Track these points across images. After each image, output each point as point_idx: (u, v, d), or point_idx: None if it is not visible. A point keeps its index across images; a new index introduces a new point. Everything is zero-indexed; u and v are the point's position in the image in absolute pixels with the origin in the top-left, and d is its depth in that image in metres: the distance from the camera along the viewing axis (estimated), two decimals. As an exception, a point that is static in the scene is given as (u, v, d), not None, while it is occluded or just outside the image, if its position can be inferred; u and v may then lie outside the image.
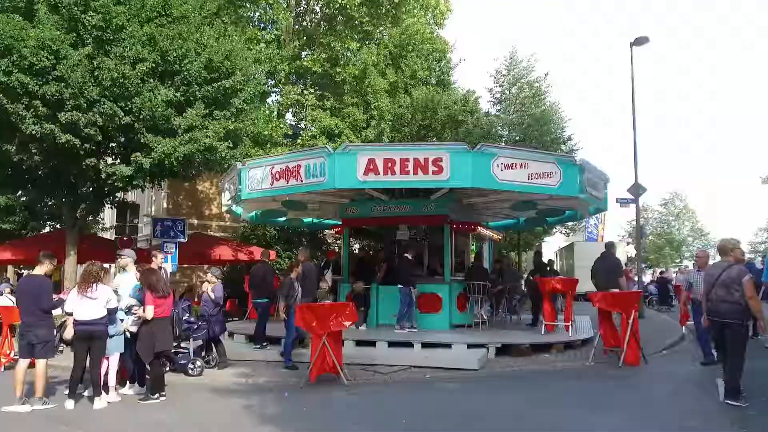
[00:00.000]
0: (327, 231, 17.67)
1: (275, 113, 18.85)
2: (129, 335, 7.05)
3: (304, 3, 22.05)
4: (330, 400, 6.83)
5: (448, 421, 5.75)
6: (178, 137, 11.11)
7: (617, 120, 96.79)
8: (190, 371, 8.26)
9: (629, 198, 17.12)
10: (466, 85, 35.09)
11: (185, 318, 8.42)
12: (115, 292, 6.95)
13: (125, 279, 7.59)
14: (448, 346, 9.46)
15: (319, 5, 21.92)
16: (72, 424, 5.91)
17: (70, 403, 6.47)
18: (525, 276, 15.98)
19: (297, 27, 22.00)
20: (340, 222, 13.26)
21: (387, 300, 11.85)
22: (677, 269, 25.09)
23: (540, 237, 26.22)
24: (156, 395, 6.73)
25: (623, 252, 22.63)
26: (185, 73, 11.21)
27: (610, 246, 11.45)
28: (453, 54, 23.35)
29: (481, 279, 11.65)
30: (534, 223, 16.29)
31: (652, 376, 7.77)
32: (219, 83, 11.74)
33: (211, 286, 9.07)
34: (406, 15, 21.56)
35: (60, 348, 9.65)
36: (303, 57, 21.39)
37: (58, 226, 19.87)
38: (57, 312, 7.61)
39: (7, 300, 9.68)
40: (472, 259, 13.69)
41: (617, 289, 9.83)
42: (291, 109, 21.10)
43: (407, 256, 11.09)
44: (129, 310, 7.04)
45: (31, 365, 6.59)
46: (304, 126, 20.65)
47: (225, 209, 12.98)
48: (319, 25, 22.15)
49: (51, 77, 10.01)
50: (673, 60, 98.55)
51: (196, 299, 12.92)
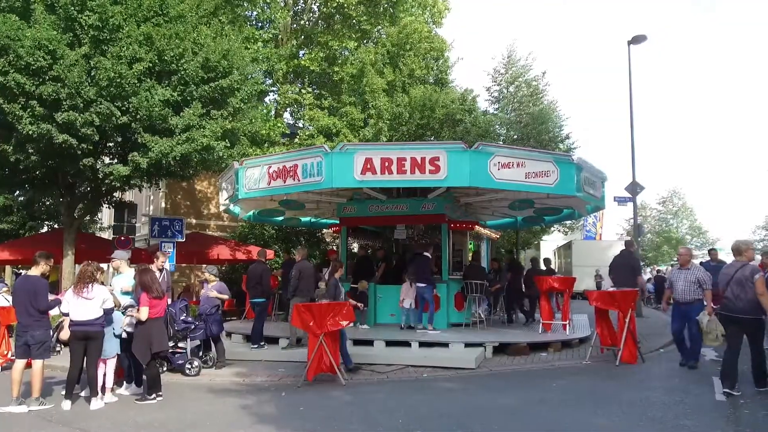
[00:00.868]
0: (325, 230, 17.67)
1: (273, 112, 18.85)
2: (125, 335, 7.04)
3: (301, 2, 22.07)
4: (327, 399, 6.83)
5: (444, 421, 5.76)
6: (175, 137, 11.12)
7: (616, 118, 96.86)
8: (187, 371, 8.26)
9: (627, 197, 17.15)
10: (464, 84, 35.06)
11: (182, 318, 8.43)
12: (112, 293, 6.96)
13: (121, 280, 7.60)
14: (445, 345, 9.47)
15: (317, 4, 21.93)
16: (69, 424, 5.91)
17: (66, 404, 6.48)
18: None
19: (294, 26, 22.01)
20: (337, 221, 13.27)
21: (385, 299, 11.88)
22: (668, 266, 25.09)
23: (538, 236, 26.25)
24: (153, 395, 6.73)
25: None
26: (182, 73, 11.20)
27: (629, 244, 11.44)
28: (451, 52, 23.29)
29: (479, 278, 11.66)
30: (532, 222, 16.31)
31: (648, 374, 7.78)
32: (216, 83, 11.74)
33: (212, 284, 9.08)
34: (403, 14, 21.56)
35: (57, 348, 9.70)
36: (301, 56, 21.38)
37: (55, 225, 19.89)
38: (54, 312, 7.62)
39: (4, 300, 9.66)
40: (470, 258, 13.70)
41: (635, 288, 9.84)
42: (289, 109, 21.11)
43: (427, 254, 11.04)
44: (125, 310, 7.04)
45: (28, 366, 6.59)
46: (301, 125, 20.65)
47: (223, 209, 12.98)
48: (317, 24, 22.16)
49: (48, 77, 10.02)
50: (672, 57, 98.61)
51: (194, 299, 12.93)
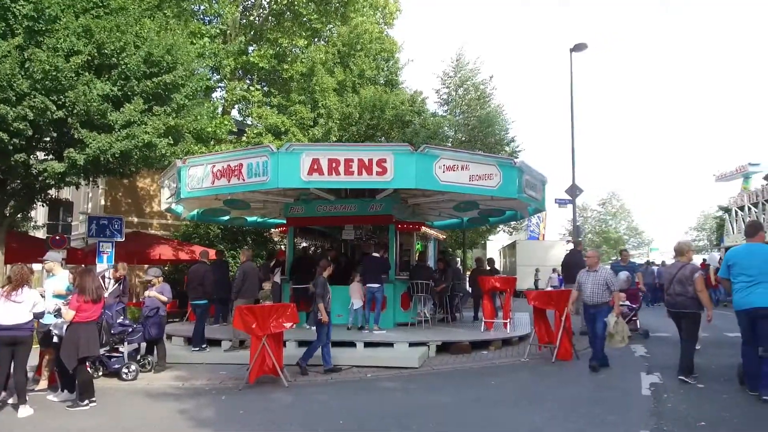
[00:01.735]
0: (273, 230, 17.49)
1: (220, 110, 18.48)
2: (57, 339, 6.79)
3: (251, -3, 21.72)
4: (269, 401, 6.80)
5: (384, 421, 5.85)
6: (114, 133, 10.75)
7: (559, 122, 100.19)
8: (124, 376, 8.03)
9: (567, 199, 17.78)
10: (414, 86, 35.46)
11: (119, 321, 8.19)
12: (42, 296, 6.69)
13: (53, 283, 7.31)
14: (390, 345, 9.58)
15: (267, 0, 21.64)
16: (-7, 433, 5.65)
17: (-8, 412, 6.19)
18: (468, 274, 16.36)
19: (243, 21, 21.64)
20: (285, 221, 13.17)
21: (333, 300, 11.82)
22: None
23: (484, 236, 26.84)
24: (85, 401, 6.50)
25: (563, 250, 23.49)
26: (123, 67, 10.85)
27: (578, 244, 12.05)
28: (401, 54, 23.55)
29: (425, 278, 11.86)
30: (477, 223, 16.68)
31: (581, 371, 8.11)
32: (159, 78, 11.42)
33: (156, 286, 8.84)
34: (354, 14, 21.58)
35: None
36: (249, 52, 21.05)
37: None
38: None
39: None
40: (416, 258, 13.89)
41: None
42: (236, 106, 20.76)
43: (377, 255, 11.13)
44: (57, 313, 6.77)
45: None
46: (250, 123, 20.33)
47: (165, 208, 12.64)
48: (267, 21, 21.87)
49: (-24, 69, 9.48)
50: (613, 64, 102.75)
51: (135, 300, 12.55)
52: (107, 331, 7.86)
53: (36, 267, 12.23)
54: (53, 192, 13.91)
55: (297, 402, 6.76)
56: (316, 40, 21.72)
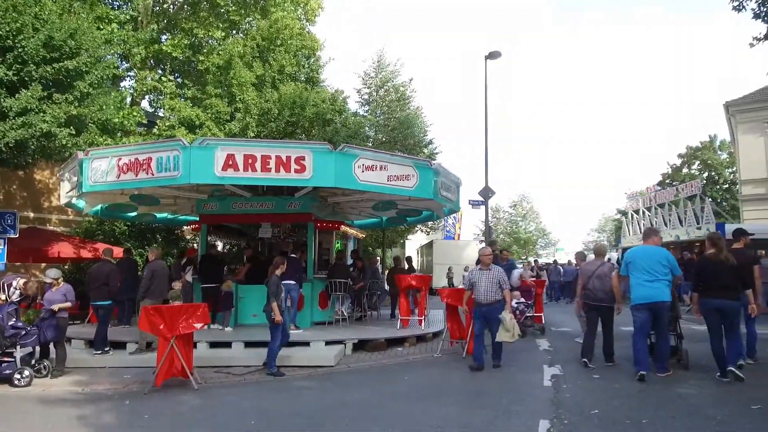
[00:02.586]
0: (185, 227, 16.81)
1: (128, 100, 17.50)
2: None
3: (165, -16, 20.75)
4: (176, 405, 6.54)
5: (297, 420, 5.82)
6: (9, 120, 9.94)
7: (475, 126, 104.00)
8: (16, 382, 7.46)
9: (480, 200, 18.44)
10: (335, 85, 35.38)
11: (11, 323, 7.57)
12: None
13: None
14: (306, 344, 9.52)
15: (182, -12, 20.77)
16: None
17: None
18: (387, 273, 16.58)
19: (157, 8, 20.62)
20: (197, 218, 12.71)
21: (248, 300, 11.61)
22: (521, 265, 27.46)
23: (403, 235, 27.30)
24: (-31, 411, 5.97)
25: (476, 250, 24.36)
26: (20, 50, 10.06)
27: (493, 243, 12.28)
28: (323, 52, 23.40)
29: (343, 276, 11.89)
30: (395, 222, 16.94)
31: (489, 365, 8.44)
32: (61, 63, 10.70)
33: (60, 288, 8.23)
34: (275, 8, 21.16)
35: None
36: (162, 41, 20.08)
37: None
38: None
39: None
40: (334, 257, 13.89)
41: None
42: (147, 96, 19.73)
43: (294, 255, 11.03)
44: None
45: None
46: (162, 115, 19.40)
47: (65, 202, 11.80)
48: (182, 9, 20.98)
49: None
50: (526, 72, 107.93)
51: (38, 301, 11.58)
52: (-1, 334, 7.25)
53: None
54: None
55: (207, 404, 6.56)
56: (234, 32, 21.07)
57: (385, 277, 16.67)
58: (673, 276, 7.22)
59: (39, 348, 8.18)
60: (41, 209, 19.18)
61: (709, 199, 23.20)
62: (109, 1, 18.38)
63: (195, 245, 15.01)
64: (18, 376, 7.51)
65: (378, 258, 21.60)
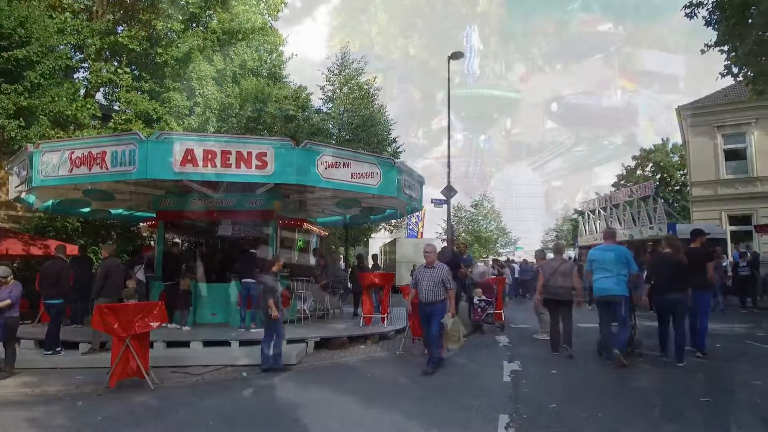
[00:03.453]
0: (142, 224, 16.34)
1: (82, 92, 16.87)
2: None
3: (122, -27, 20.04)
4: (132, 406, 6.35)
5: (257, 419, 5.75)
6: (-49, 111, 9.44)
7: (438, 125, 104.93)
8: (-42, 385, 7.09)
9: (442, 199, 18.59)
10: (298, 81, 35.01)
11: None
12: None
13: None
14: (267, 342, 9.38)
15: (140, -22, 20.10)
16: None
17: None
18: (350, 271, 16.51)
19: (113, -1, 19.89)
20: (154, 215, 12.38)
21: (207, 298, 11.39)
22: (482, 262, 27.88)
23: (367, 233, 27.30)
24: None
25: (438, 247, 24.56)
26: (-37, 37, 9.56)
27: (452, 242, 12.38)
28: (286, 48, 23.15)
29: (305, 274, 11.79)
30: (359, 220, 16.91)
31: (451, 362, 8.48)
32: (10, 53, 10.26)
33: (6, 286, 7.85)
34: (237, 2, 20.77)
35: None
36: (119, 32, 19.41)
37: None
38: None
39: None
40: (297, 255, 13.77)
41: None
42: (102, 89, 19.03)
43: (253, 252, 10.87)
44: None
45: None
46: (117, 108, 18.78)
47: (13, 197, 11.30)
48: (139, 0, 20.30)
49: None
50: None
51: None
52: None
53: None
54: None
55: (163, 405, 6.40)
56: (194, 25, 20.54)
57: (348, 275, 16.63)
58: (631, 272, 7.74)
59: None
60: (-13, 204, 18.30)
61: (662, 200, 24.03)
62: (63, -11, 17.64)
63: (152, 242, 14.61)
64: (-39, 378, 7.15)
65: (341, 256, 21.54)
